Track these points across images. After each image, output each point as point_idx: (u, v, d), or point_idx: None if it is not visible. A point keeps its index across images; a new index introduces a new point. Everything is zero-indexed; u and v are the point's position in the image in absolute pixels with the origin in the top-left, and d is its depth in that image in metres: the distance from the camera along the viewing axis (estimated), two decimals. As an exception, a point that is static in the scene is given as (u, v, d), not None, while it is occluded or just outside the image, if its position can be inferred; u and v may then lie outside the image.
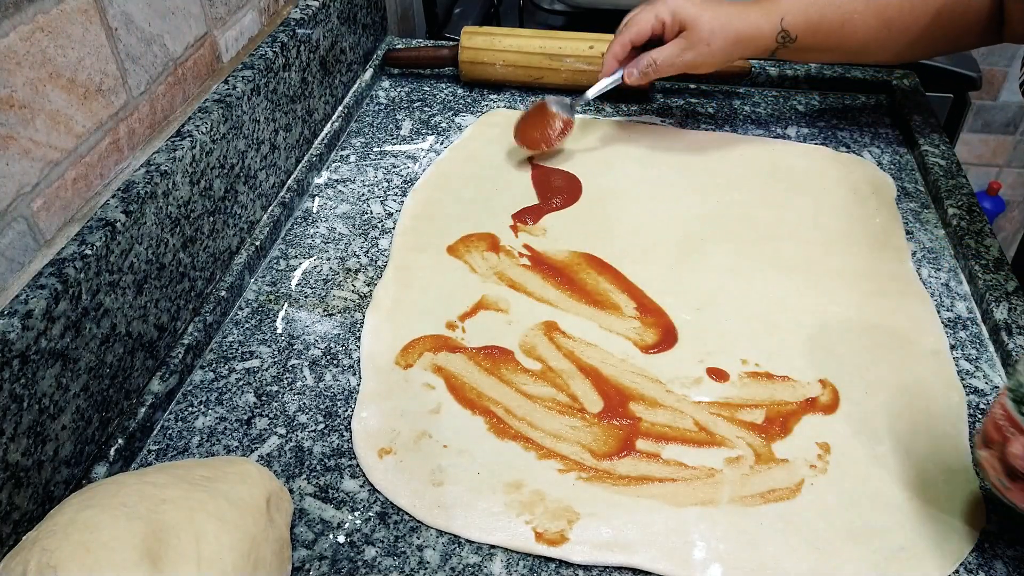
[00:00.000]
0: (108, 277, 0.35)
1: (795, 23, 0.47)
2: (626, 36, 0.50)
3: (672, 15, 0.48)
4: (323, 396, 0.40)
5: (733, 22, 0.47)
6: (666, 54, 0.49)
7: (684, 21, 0.48)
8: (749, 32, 0.48)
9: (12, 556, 0.27)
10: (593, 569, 0.33)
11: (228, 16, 0.47)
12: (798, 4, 0.48)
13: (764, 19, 0.48)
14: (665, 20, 0.48)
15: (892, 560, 0.32)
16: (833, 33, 0.48)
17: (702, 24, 0.47)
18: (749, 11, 0.48)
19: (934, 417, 0.38)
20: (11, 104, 0.31)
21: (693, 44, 0.48)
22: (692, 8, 0.48)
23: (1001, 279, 0.44)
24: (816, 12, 0.47)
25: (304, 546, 0.33)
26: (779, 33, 0.48)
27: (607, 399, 0.39)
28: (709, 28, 0.47)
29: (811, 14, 0.47)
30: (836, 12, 0.47)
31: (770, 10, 0.48)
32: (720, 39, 0.47)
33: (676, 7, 0.48)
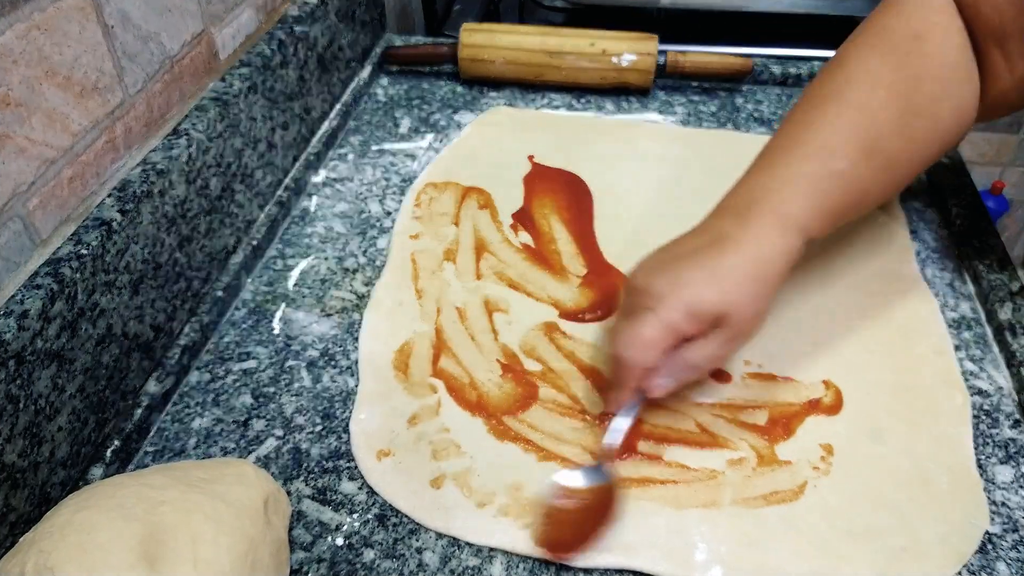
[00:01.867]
0: (104, 277, 0.35)
1: (818, 228, 0.36)
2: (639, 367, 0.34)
3: (695, 319, 0.33)
4: (321, 397, 0.39)
5: (765, 275, 0.34)
6: (709, 355, 0.34)
7: (716, 315, 0.33)
8: (782, 271, 0.35)
9: (9, 558, 0.27)
10: (594, 572, 0.32)
11: (225, 13, 0.46)
12: (813, 201, 0.35)
13: (788, 243, 0.35)
14: (687, 329, 0.33)
15: (895, 561, 0.32)
16: (852, 209, 0.38)
17: (741, 309, 0.33)
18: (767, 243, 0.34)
19: (938, 418, 0.38)
20: (7, 102, 0.31)
21: (740, 332, 0.34)
22: (715, 296, 0.33)
23: (1005, 279, 0.44)
24: (835, 202, 0.36)
25: (302, 548, 0.33)
26: (804, 245, 0.36)
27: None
28: (751, 305, 0.34)
29: (830, 207, 0.36)
30: (850, 191, 0.36)
31: (787, 226, 0.35)
32: (763, 305, 0.34)
33: (695, 306, 0.33)
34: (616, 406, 0.36)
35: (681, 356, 0.34)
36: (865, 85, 0.37)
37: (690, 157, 0.54)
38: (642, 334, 0.33)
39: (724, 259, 0.34)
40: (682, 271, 0.34)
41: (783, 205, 0.35)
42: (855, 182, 0.36)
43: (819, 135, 0.37)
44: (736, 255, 0.34)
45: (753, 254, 0.34)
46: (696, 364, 0.35)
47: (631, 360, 0.34)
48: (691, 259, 0.34)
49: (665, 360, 0.34)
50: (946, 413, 0.38)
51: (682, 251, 0.35)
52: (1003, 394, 0.39)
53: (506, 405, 0.38)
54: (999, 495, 0.35)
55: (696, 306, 0.33)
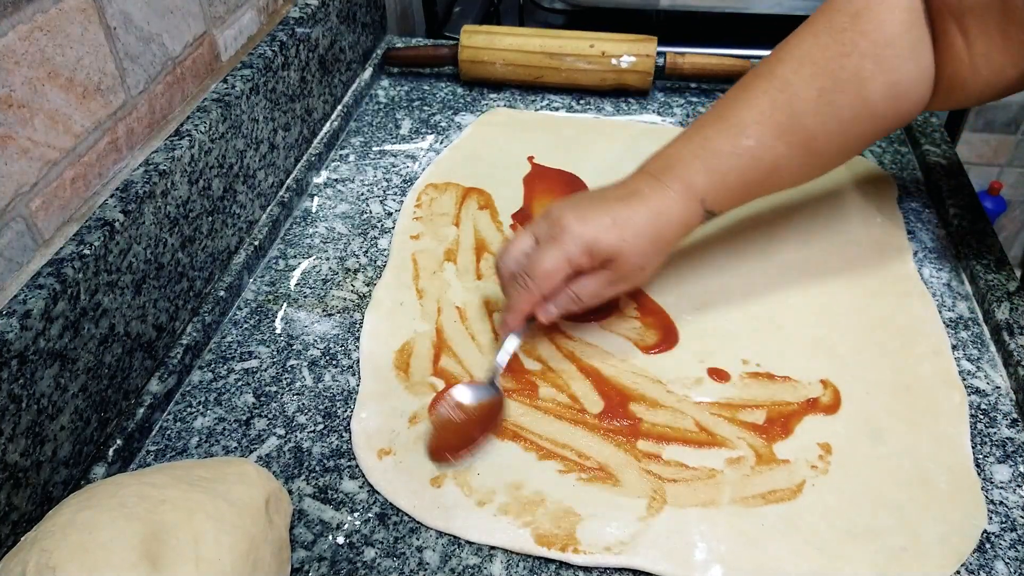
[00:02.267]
0: (107, 277, 0.35)
1: (718, 200, 0.38)
2: (537, 291, 0.37)
3: (589, 253, 0.36)
4: (322, 396, 0.39)
5: (660, 232, 0.37)
6: (592, 290, 0.38)
7: (609, 255, 0.36)
8: (677, 231, 0.38)
9: (11, 557, 0.27)
10: (593, 570, 0.32)
11: (227, 15, 0.47)
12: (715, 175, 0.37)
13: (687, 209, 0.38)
14: (581, 263, 0.37)
15: (893, 561, 0.32)
16: (761, 185, 0.39)
17: (631, 254, 0.37)
18: (668, 205, 0.37)
19: (936, 417, 0.38)
20: (9, 103, 0.31)
21: (626, 275, 0.38)
22: (612, 238, 0.36)
23: (1003, 279, 0.44)
24: (736, 177, 0.38)
25: (303, 547, 0.33)
26: (704, 215, 0.38)
27: (608, 400, 0.39)
28: (640, 253, 0.37)
29: (731, 182, 0.38)
30: (758, 168, 0.38)
31: (689, 194, 0.37)
32: (653, 259, 0.38)
33: (592, 242, 0.36)
34: (509, 328, 0.39)
35: (569, 288, 0.38)
36: (793, 62, 0.38)
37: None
38: (544, 265, 0.37)
39: (629, 211, 0.37)
40: (592, 213, 0.37)
41: (690, 175, 0.38)
42: (764, 160, 0.38)
43: (737, 111, 0.38)
44: (640, 211, 0.37)
45: (654, 213, 0.37)
46: (580, 296, 0.38)
47: (533, 285, 0.37)
48: (603, 205, 0.38)
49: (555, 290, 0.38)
50: (944, 413, 0.38)
51: (599, 198, 0.39)
52: (1001, 393, 0.39)
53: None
54: (997, 494, 0.35)
55: (594, 244, 0.37)
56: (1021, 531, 0.34)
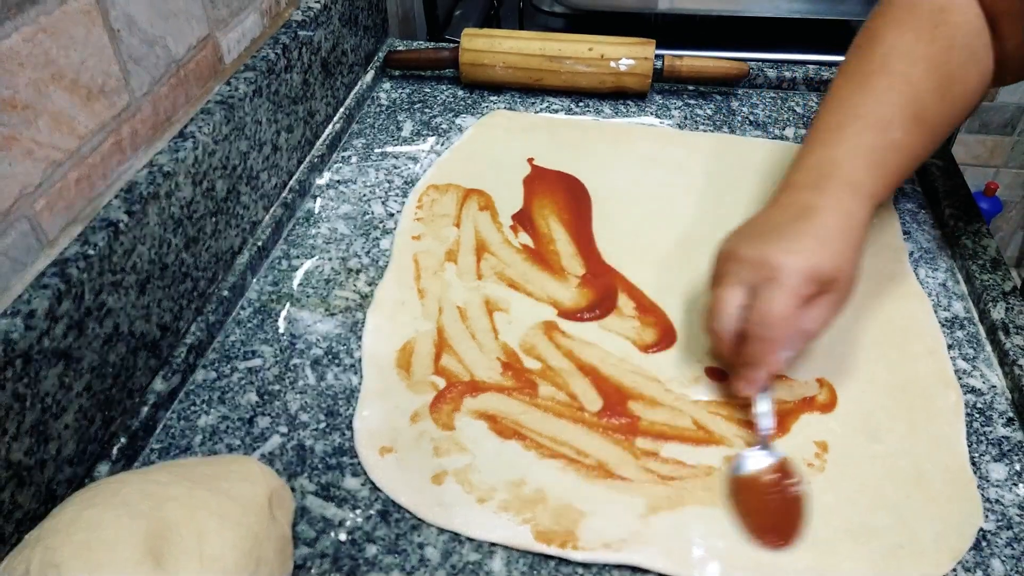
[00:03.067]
0: (111, 277, 0.35)
1: (880, 192, 0.39)
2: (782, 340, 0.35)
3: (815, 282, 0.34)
4: (325, 395, 0.40)
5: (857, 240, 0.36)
6: (821, 317, 0.35)
7: (830, 277, 0.35)
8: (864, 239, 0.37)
9: (15, 555, 0.27)
10: (593, 567, 0.33)
11: (230, 18, 0.47)
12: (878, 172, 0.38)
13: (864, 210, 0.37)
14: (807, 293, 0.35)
15: (890, 558, 0.33)
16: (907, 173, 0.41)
17: (849, 268, 0.36)
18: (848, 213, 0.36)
19: (931, 416, 0.38)
20: (14, 105, 0.32)
21: (845, 295, 0.36)
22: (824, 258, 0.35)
23: (998, 279, 0.44)
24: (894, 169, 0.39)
25: (306, 544, 0.34)
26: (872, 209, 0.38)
27: (606, 398, 0.39)
28: (855, 264, 0.36)
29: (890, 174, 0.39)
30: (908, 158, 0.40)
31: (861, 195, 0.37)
32: (858, 269, 0.36)
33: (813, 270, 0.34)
34: (756, 386, 0.36)
35: (800, 328, 0.35)
36: (905, 58, 0.40)
37: (686, 160, 0.55)
38: (774, 310, 0.34)
39: (822, 228, 0.36)
40: (791, 242, 0.35)
41: (852, 175, 0.38)
42: (908, 149, 0.40)
43: (872, 109, 0.40)
44: (829, 223, 0.36)
45: (841, 222, 0.36)
46: (811, 330, 0.36)
47: (773, 337, 0.34)
48: (791, 229, 0.36)
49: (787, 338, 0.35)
50: (940, 411, 0.38)
51: (773, 224, 0.37)
52: (996, 392, 0.40)
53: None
54: (993, 492, 0.35)
55: (815, 271, 0.35)
56: (1017, 529, 0.34)
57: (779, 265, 0.35)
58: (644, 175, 0.54)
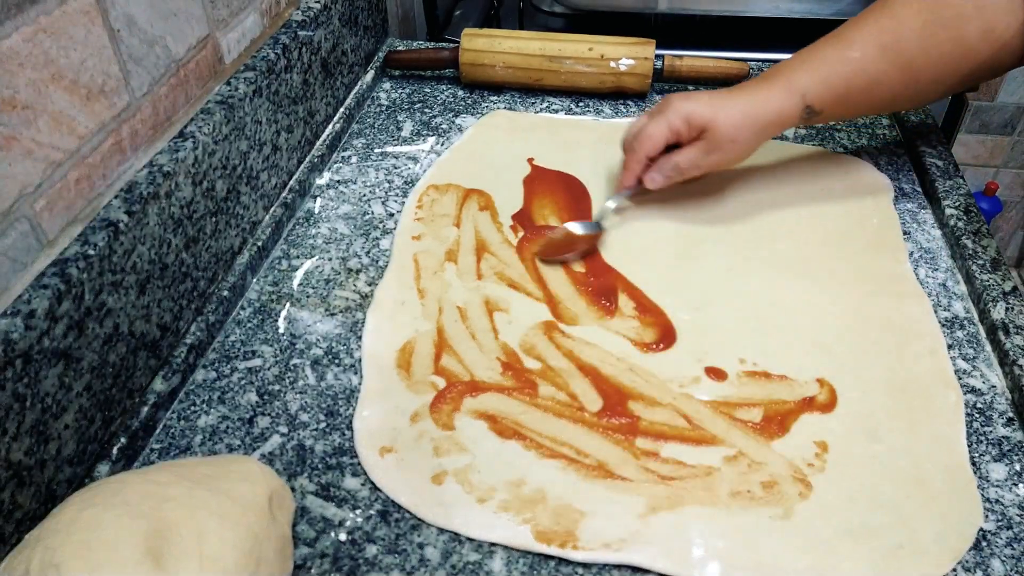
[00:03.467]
0: (111, 277, 0.35)
1: (819, 97, 0.44)
2: (641, 152, 0.46)
3: (686, 121, 0.45)
4: (325, 395, 0.40)
5: (755, 112, 0.44)
6: (690, 158, 0.46)
7: (702, 125, 0.44)
8: (772, 118, 0.45)
9: (15, 555, 0.27)
10: (593, 567, 0.33)
11: (230, 18, 0.47)
12: (818, 75, 0.44)
13: (786, 100, 0.44)
14: (680, 129, 0.45)
15: (890, 558, 0.33)
16: (860, 98, 0.45)
17: (722, 124, 0.44)
18: (767, 95, 0.45)
19: (931, 416, 0.38)
20: (14, 105, 0.32)
21: (718, 145, 0.45)
22: (707, 109, 0.44)
23: (998, 279, 0.44)
24: (840, 81, 0.44)
25: (305, 544, 0.34)
26: (803, 109, 0.45)
27: (606, 398, 0.39)
28: (732, 125, 0.44)
29: (835, 84, 0.44)
30: (862, 78, 0.44)
31: (790, 89, 0.44)
32: (744, 134, 0.45)
33: (689, 112, 0.44)
34: (621, 187, 0.49)
35: (670, 158, 0.46)
36: (905, 1, 0.44)
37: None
38: (648, 129, 0.46)
39: (729, 95, 0.45)
40: (697, 95, 0.46)
41: (793, 73, 0.45)
42: (866, 71, 0.44)
43: (847, 31, 0.45)
44: (739, 96, 0.45)
45: (751, 98, 0.45)
46: (679, 164, 0.46)
47: (638, 147, 0.47)
48: (708, 93, 0.46)
49: (659, 161, 0.47)
50: (940, 411, 0.38)
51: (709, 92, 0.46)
52: (996, 392, 0.40)
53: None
54: (993, 492, 0.35)
55: (691, 114, 0.45)
56: (1017, 529, 0.34)
57: (670, 103, 0.46)
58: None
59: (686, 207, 0.51)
